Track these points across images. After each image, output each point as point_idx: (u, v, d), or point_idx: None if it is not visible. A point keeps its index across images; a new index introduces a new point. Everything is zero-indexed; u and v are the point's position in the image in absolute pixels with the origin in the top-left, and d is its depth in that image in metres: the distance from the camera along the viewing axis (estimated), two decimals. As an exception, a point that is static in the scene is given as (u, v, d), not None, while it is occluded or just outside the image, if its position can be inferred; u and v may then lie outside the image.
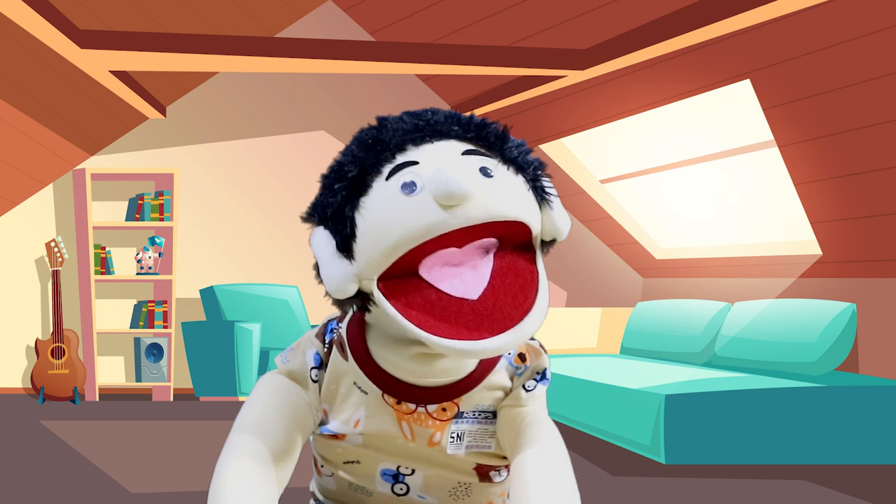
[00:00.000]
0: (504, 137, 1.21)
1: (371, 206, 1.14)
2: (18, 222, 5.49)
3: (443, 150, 1.17)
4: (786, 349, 3.91)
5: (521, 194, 1.17)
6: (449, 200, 1.08)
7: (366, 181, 1.16)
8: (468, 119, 1.23)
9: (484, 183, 1.12)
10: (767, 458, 3.33)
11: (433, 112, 1.23)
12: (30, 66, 4.00)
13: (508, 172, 1.18)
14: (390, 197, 1.12)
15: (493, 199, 1.11)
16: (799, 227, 4.34)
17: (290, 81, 5.73)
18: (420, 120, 1.21)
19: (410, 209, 1.10)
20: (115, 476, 3.07)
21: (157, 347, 5.42)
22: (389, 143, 1.17)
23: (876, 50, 3.09)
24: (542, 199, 1.21)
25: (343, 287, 1.17)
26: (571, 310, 5.53)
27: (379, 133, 1.20)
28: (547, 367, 1.36)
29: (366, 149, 1.18)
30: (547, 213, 1.21)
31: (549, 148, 5.42)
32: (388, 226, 1.11)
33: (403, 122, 1.21)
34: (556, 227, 1.21)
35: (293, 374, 1.35)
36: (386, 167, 1.15)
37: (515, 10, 4.30)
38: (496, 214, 1.11)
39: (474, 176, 1.11)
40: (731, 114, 4.17)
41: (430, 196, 1.09)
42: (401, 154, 1.16)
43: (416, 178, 1.12)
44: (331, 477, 1.45)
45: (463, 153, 1.17)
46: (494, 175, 1.15)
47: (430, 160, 1.14)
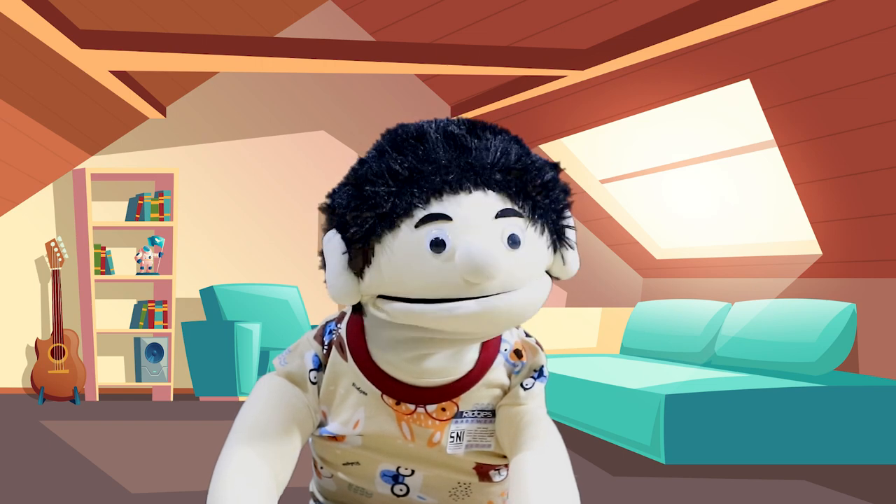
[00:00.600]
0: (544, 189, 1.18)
1: (394, 249, 1.13)
2: (18, 222, 5.49)
3: (476, 212, 1.12)
4: (786, 349, 3.91)
5: (540, 260, 1.18)
6: (474, 279, 1.08)
7: (394, 219, 1.13)
8: (512, 165, 1.16)
9: (509, 258, 1.11)
10: (767, 458, 3.33)
11: (477, 145, 1.16)
12: (30, 66, 4.00)
13: (535, 234, 1.17)
14: (417, 249, 1.11)
15: (512, 275, 1.12)
16: (799, 227, 4.34)
17: (290, 81, 5.73)
18: (463, 158, 1.14)
19: (433, 271, 1.10)
20: (115, 476, 3.07)
21: (157, 347, 5.42)
22: (425, 185, 1.12)
23: (876, 50, 3.09)
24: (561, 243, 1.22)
25: (345, 299, 1.20)
26: (571, 310, 5.53)
27: (418, 162, 1.13)
28: (544, 364, 1.36)
29: (400, 181, 1.13)
30: (559, 258, 1.22)
31: (549, 148, 5.42)
32: (407, 276, 1.12)
33: (444, 153, 1.14)
34: (565, 271, 1.24)
35: (292, 376, 1.34)
36: (418, 212, 1.12)
37: (515, 10, 4.30)
38: (510, 287, 1.12)
39: (502, 250, 1.11)
40: (731, 114, 4.17)
41: (454, 264, 1.09)
42: (436, 200, 1.12)
43: (445, 239, 1.10)
44: (330, 478, 1.45)
45: (496, 215, 1.13)
46: (522, 243, 1.14)
47: (464, 221, 1.11)
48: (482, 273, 1.07)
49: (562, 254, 1.21)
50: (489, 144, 1.16)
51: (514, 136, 1.22)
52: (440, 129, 1.18)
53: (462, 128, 1.18)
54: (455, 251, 1.09)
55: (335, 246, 1.18)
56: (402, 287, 1.13)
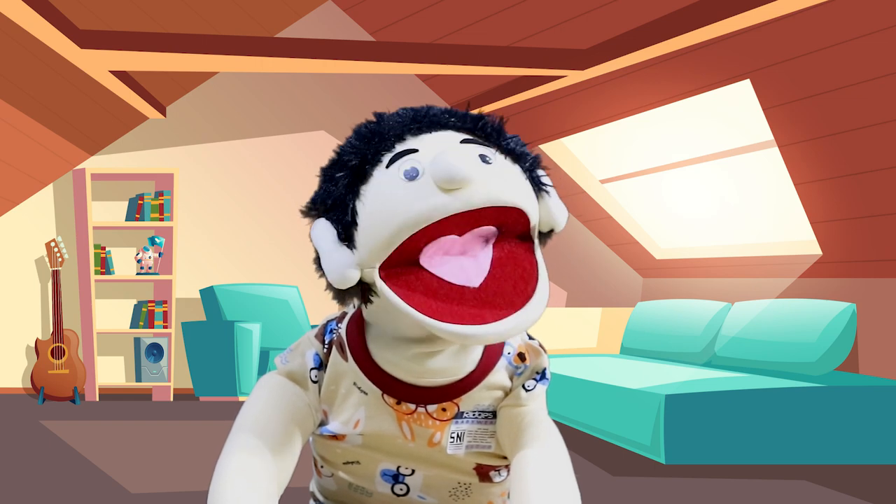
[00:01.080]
0: (500, 130, 1.24)
1: (372, 194, 1.15)
2: (18, 222, 5.49)
3: (442, 139, 1.19)
4: (786, 349, 3.91)
5: (519, 182, 1.19)
6: (450, 184, 1.09)
7: (366, 170, 1.17)
8: (465, 112, 1.26)
9: (483, 168, 1.13)
10: (767, 458, 3.33)
11: (429, 107, 1.26)
12: (30, 66, 4.00)
13: (506, 162, 1.20)
14: (391, 183, 1.13)
15: (492, 185, 1.13)
16: (799, 227, 4.34)
17: (290, 81, 5.73)
18: (417, 112, 1.24)
19: (412, 194, 1.11)
20: (115, 476, 3.07)
21: (157, 347, 5.42)
22: (388, 133, 1.20)
23: (876, 50, 3.09)
24: (539, 190, 1.23)
25: (344, 276, 1.16)
26: (571, 310, 5.53)
27: (377, 125, 1.23)
28: (546, 366, 1.36)
29: (365, 139, 1.20)
30: (544, 203, 1.23)
31: (549, 148, 5.42)
32: (389, 212, 1.12)
33: (401, 115, 1.24)
34: (552, 217, 1.23)
35: (293, 375, 1.35)
36: (386, 156, 1.17)
37: (515, 10, 4.30)
38: (496, 200, 1.12)
39: (474, 161, 1.12)
40: (731, 114, 4.17)
41: (430, 181, 1.10)
42: (400, 143, 1.18)
43: (416, 165, 1.13)
44: (331, 477, 1.45)
45: (461, 141, 1.19)
46: (493, 162, 1.16)
47: (430, 148, 1.15)
48: (455, 173, 1.08)
49: (546, 203, 1.22)
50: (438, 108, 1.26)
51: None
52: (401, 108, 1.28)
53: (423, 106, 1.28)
54: (427, 171, 1.11)
55: (322, 228, 1.19)
56: (389, 230, 1.11)
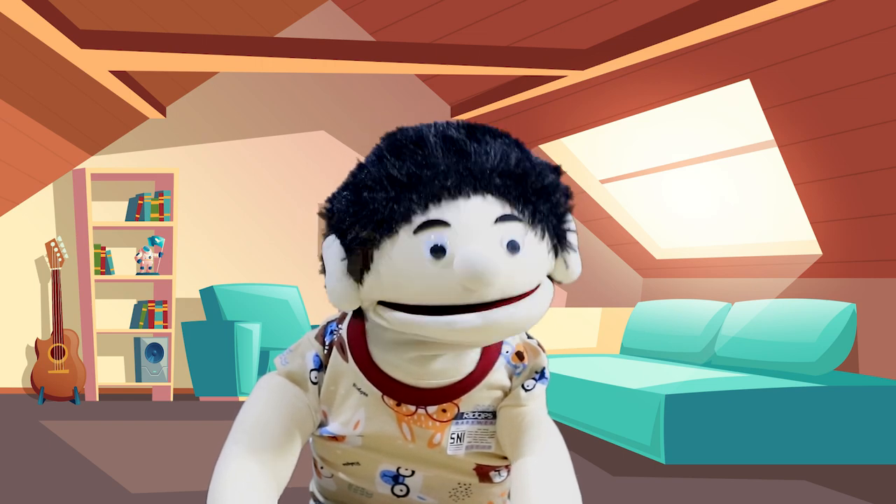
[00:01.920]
0: (545, 194, 1.16)
1: (393, 256, 1.12)
2: (18, 222, 5.49)
3: (475, 217, 1.11)
4: (786, 349, 3.91)
5: (541, 265, 1.17)
6: (473, 286, 1.07)
7: (392, 225, 1.11)
8: (512, 170, 1.14)
9: (509, 263, 1.10)
10: (767, 458, 3.33)
11: (476, 149, 1.14)
12: (30, 66, 4.00)
13: (535, 239, 1.15)
14: (415, 255, 1.10)
15: (512, 281, 1.11)
16: (799, 227, 4.34)
17: (290, 81, 5.73)
18: (461, 163, 1.13)
19: (433, 277, 1.09)
20: (115, 476, 3.07)
21: (157, 347, 5.42)
22: (424, 191, 1.11)
23: (876, 50, 3.09)
24: (563, 249, 1.21)
25: (345, 305, 1.19)
26: (571, 310, 5.53)
27: (416, 168, 1.12)
28: (545, 366, 1.36)
29: (399, 186, 1.12)
30: (561, 262, 1.21)
31: (549, 148, 5.42)
32: (406, 282, 1.11)
33: (444, 158, 1.13)
34: (567, 274, 1.22)
35: (293, 376, 1.35)
36: (416, 219, 1.11)
37: (515, 10, 4.30)
38: (510, 293, 1.12)
39: (501, 255, 1.10)
40: (731, 114, 4.17)
41: (453, 270, 1.08)
42: (434, 205, 1.11)
43: (444, 244, 1.09)
44: (330, 478, 1.45)
45: (496, 221, 1.11)
46: (521, 249, 1.12)
47: (462, 227, 1.10)
48: (481, 279, 1.06)
49: (563, 258, 1.21)
50: (489, 149, 1.14)
51: (514, 140, 1.20)
52: (439, 133, 1.16)
53: (461, 132, 1.17)
54: (454, 257, 1.08)
55: (334, 252, 1.18)
56: (401, 293, 1.13)
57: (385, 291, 1.14)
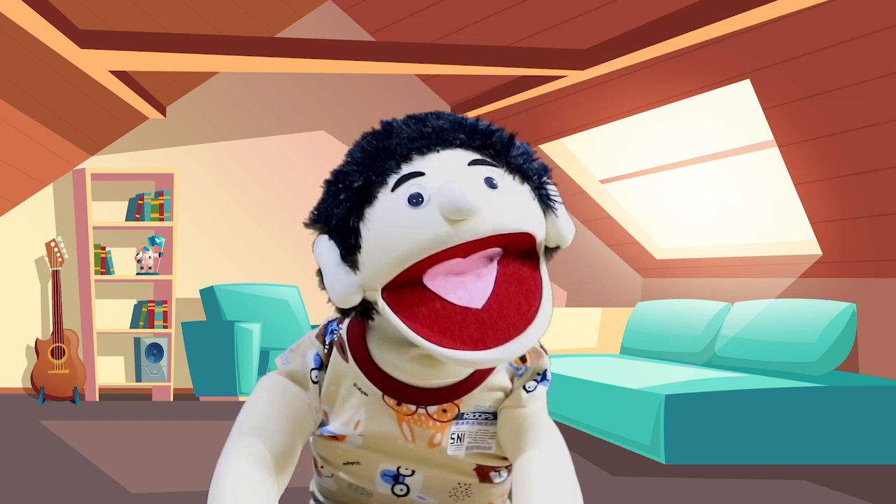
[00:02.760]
0: (510, 144, 1.20)
1: (377, 218, 1.13)
2: (18, 222, 5.49)
3: (448, 161, 1.15)
4: (786, 349, 3.91)
5: (526, 204, 1.17)
6: (456, 215, 1.07)
7: (371, 191, 1.14)
8: (473, 126, 1.21)
9: (490, 195, 1.11)
10: (767, 458, 3.33)
11: (438, 117, 1.21)
12: (30, 66, 4.00)
13: (514, 182, 1.17)
14: (396, 209, 1.11)
15: (499, 212, 1.11)
16: (799, 227, 4.34)
17: (290, 81, 5.73)
18: (425, 126, 1.19)
19: (417, 222, 1.09)
20: (115, 476, 3.07)
21: (157, 347, 5.42)
22: (394, 153, 1.15)
23: (876, 50, 3.09)
24: (547, 207, 1.20)
25: (347, 298, 1.17)
26: (571, 310, 5.53)
27: (383, 140, 1.18)
28: (548, 367, 1.36)
29: (370, 157, 1.17)
30: (552, 220, 1.20)
31: (549, 148, 5.42)
32: (394, 239, 1.11)
33: (408, 129, 1.19)
34: (560, 234, 1.21)
35: (293, 375, 1.35)
36: (391, 177, 1.14)
37: (515, 10, 4.30)
38: (502, 227, 1.11)
39: (480, 188, 1.11)
40: (731, 114, 4.17)
41: (436, 209, 1.08)
42: (406, 164, 1.14)
43: (422, 191, 1.11)
44: (331, 478, 1.45)
45: (469, 164, 1.15)
46: (500, 186, 1.14)
47: (436, 171, 1.13)
48: (462, 205, 1.06)
49: (553, 220, 1.21)
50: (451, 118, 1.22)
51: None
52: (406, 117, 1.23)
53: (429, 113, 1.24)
54: (433, 198, 1.09)
55: (325, 246, 1.18)
56: (392, 254, 1.11)
57: (380, 266, 1.13)
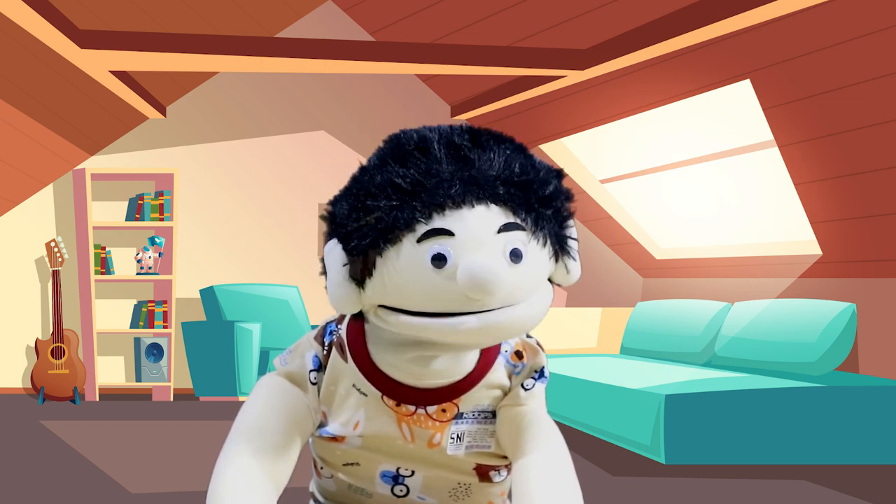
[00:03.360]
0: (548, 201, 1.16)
1: (396, 263, 1.12)
2: (18, 222, 5.49)
3: (479, 227, 1.11)
4: (786, 349, 3.91)
5: (543, 271, 1.18)
6: (475, 296, 1.08)
7: (396, 232, 1.11)
8: (516, 178, 1.14)
9: (511, 272, 1.11)
10: (767, 458, 3.33)
11: (480, 156, 1.14)
12: (30, 66, 4.00)
13: (537, 246, 1.16)
14: (418, 264, 1.10)
15: (514, 289, 1.12)
16: (799, 227, 4.34)
17: (290, 81, 5.73)
18: (466, 171, 1.13)
19: (435, 286, 1.10)
20: (115, 476, 3.07)
21: (157, 347, 5.42)
22: (427, 202, 1.10)
23: (876, 50, 3.09)
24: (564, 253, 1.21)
25: (347, 308, 1.19)
26: (571, 310, 5.53)
27: (419, 173, 1.12)
28: (545, 365, 1.36)
29: (402, 194, 1.11)
30: (561, 266, 1.22)
31: (549, 148, 5.42)
32: (408, 289, 1.12)
33: (448, 167, 1.13)
34: (567, 279, 1.23)
35: (292, 376, 1.35)
36: (420, 227, 1.10)
37: (515, 10, 4.29)
38: (512, 302, 1.13)
39: (503, 267, 1.10)
40: (731, 114, 4.17)
41: (456, 280, 1.09)
42: (438, 215, 1.10)
43: (447, 254, 1.10)
44: (330, 479, 1.45)
45: (498, 231, 1.12)
46: (524, 257, 1.13)
47: (466, 237, 1.10)
48: (484, 290, 1.07)
49: (564, 262, 1.21)
50: (493, 156, 1.15)
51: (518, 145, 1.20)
52: (443, 139, 1.16)
53: (465, 137, 1.17)
54: (457, 267, 1.09)
55: (336, 256, 1.18)
56: (404, 299, 1.13)
57: (387, 297, 1.15)
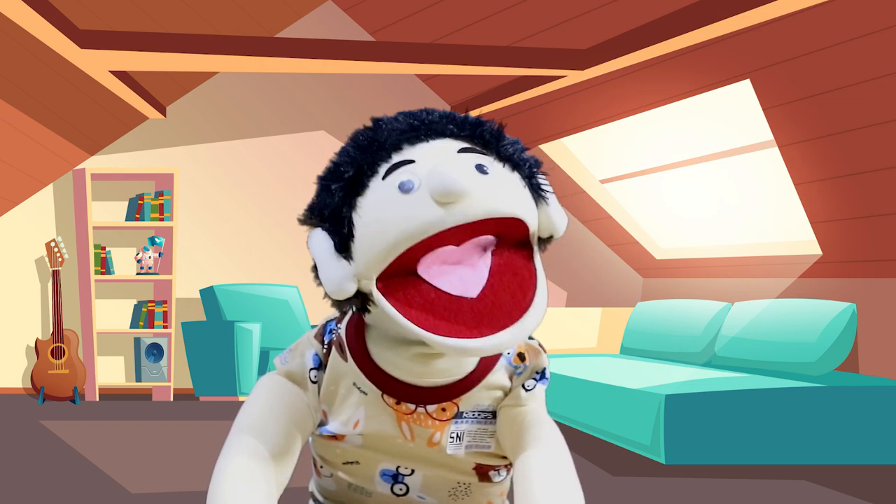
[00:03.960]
0: (499, 135, 1.22)
1: (368, 206, 1.14)
2: (18, 222, 5.49)
3: (438, 149, 1.17)
4: (786, 349, 3.91)
5: (517, 191, 1.18)
6: (446, 197, 1.08)
7: (362, 181, 1.16)
8: (463, 118, 1.23)
9: (480, 179, 1.12)
10: (767, 458, 3.33)
11: (428, 112, 1.24)
12: (30, 66, 4.00)
13: (504, 170, 1.18)
14: (387, 196, 1.13)
15: (490, 196, 1.12)
16: (799, 227, 4.34)
17: (290, 81, 5.73)
18: (415, 119, 1.21)
19: (408, 208, 1.10)
20: (115, 476, 3.07)
21: (157, 347, 5.42)
22: (385, 143, 1.18)
23: (876, 50, 3.09)
24: (539, 196, 1.21)
25: (342, 287, 1.17)
26: (571, 310, 5.53)
27: (374, 133, 1.20)
28: (546, 366, 1.36)
29: (361, 149, 1.19)
30: (543, 209, 1.21)
31: (549, 148, 5.42)
32: (386, 225, 1.11)
33: (398, 122, 1.21)
34: (552, 223, 1.22)
35: (292, 375, 1.35)
36: (382, 166, 1.16)
37: (515, 10, 4.30)
38: (493, 211, 1.12)
39: (470, 173, 1.12)
40: (731, 114, 4.17)
41: (427, 194, 1.09)
42: (397, 153, 1.17)
43: (412, 177, 1.12)
44: (330, 477, 1.45)
45: (459, 151, 1.17)
46: (490, 172, 1.15)
47: (427, 158, 1.14)
48: (452, 187, 1.07)
49: (545, 209, 1.21)
50: (443, 112, 1.24)
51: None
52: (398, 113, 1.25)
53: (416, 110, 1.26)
54: (424, 185, 1.10)
55: (319, 238, 1.19)
56: (385, 243, 1.11)
57: (373, 254, 1.13)
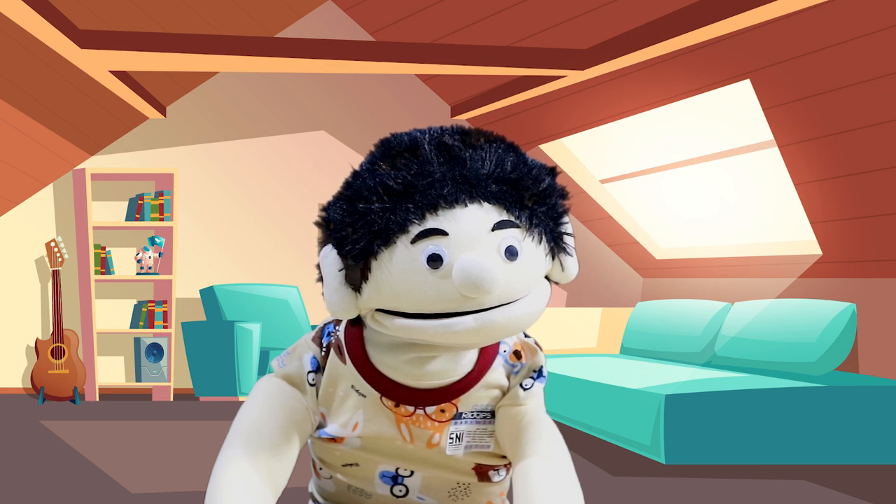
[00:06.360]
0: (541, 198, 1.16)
1: (391, 266, 1.12)
2: (18, 222, 5.49)
3: (473, 225, 1.11)
4: (786, 349, 3.91)
5: (539, 268, 1.18)
6: (472, 294, 1.08)
7: (390, 235, 1.11)
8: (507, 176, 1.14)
9: (507, 269, 1.11)
10: (767, 458, 3.33)
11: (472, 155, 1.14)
12: (30, 66, 4.00)
13: (533, 243, 1.16)
14: (413, 265, 1.11)
15: (510, 285, 1.12)
16: (799, 227, 4.34)
17: (290, 81, 5.73)
18: (457, 170, 1.12)
19: (429, 285, 1.10)
20: (115, 476, 3.07)
21: (157, 347, 5.42)
22: (420, 201, 1.10)
23: (876, 50, 3.09)
24: (561, 250, 1.21)
25: (345, 313, 1.20)
26: (571, 310, 5.53)
27: (411, 175, 1.12)
28: (543, 364, 1.36)
29: (395, 196, 1.11)
30: (558, 263, 1.22)
31: (549, 148, 5.42)
32: (405, 292, 1.12)
33: (438, 166, 1.12)
34: (564, 276, 1.23)
35: (290, 378, 1.35)
36: (414, 227, 1.10)
37: (515, 10, 4.29)
38: (508, 299, 1.13)
39: (499, 263, 1.10)
40: (731, 114, 4.17)
41: (451, 279, 1.09)
42: (431, 215, 1.10)
43: (442, 253, 1.10)
44: (329, 479, 1.45)
45: (492, 228, 1.12)
46: (520, 254, 1.13)
47: (460, 236, 1.10)
48: (479, 288, 1.07)
49: (560, 259, 1.21)
50: (484, 154, 1.14)
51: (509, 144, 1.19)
52: (434, 139, 1.16)
53: (456, 138, 1.16)
54: (452, 266, 1.09)
55: (331, 262, 1.18)
56: (400, 302, 1.13)
57: (383, 300, 1.15)
